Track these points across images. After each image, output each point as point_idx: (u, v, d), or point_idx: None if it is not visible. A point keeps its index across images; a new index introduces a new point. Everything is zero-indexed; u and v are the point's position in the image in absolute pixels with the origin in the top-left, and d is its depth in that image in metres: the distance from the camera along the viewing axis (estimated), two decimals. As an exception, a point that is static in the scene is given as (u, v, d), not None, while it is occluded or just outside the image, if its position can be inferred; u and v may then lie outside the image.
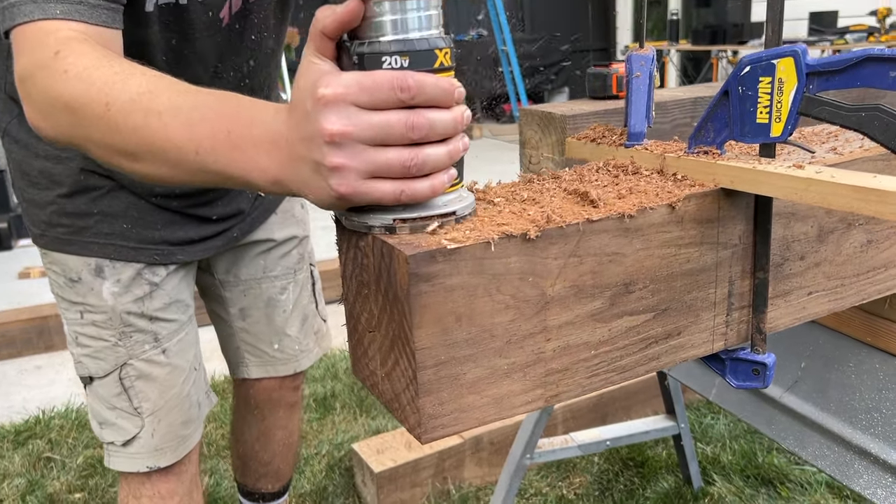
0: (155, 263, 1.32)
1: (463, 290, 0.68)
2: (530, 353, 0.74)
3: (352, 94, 0.62)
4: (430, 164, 0.65)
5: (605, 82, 1.41)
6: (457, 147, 0.67)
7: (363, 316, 0.77)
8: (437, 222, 0.69)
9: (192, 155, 0.74)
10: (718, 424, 2.52)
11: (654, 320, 0.80)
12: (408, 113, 0.63)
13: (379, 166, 0.63)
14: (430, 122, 0.64)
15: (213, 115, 0.73)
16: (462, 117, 0.66)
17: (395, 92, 0.62)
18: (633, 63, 0.92)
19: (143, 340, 1.31)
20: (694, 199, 0.79)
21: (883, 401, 1.15)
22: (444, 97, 0.64)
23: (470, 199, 0.73)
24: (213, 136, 0.72)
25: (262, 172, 0.70)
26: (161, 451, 1.36)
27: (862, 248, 0.94)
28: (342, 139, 0.62)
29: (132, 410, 1.33)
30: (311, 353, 1.66)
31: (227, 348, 1.64)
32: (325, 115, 0.62)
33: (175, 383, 1.36)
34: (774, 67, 0.77)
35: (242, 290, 1.55)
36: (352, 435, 2.58)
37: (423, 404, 0.69)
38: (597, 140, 0.97)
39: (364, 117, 0.62)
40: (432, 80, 0.64)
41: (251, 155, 0.70)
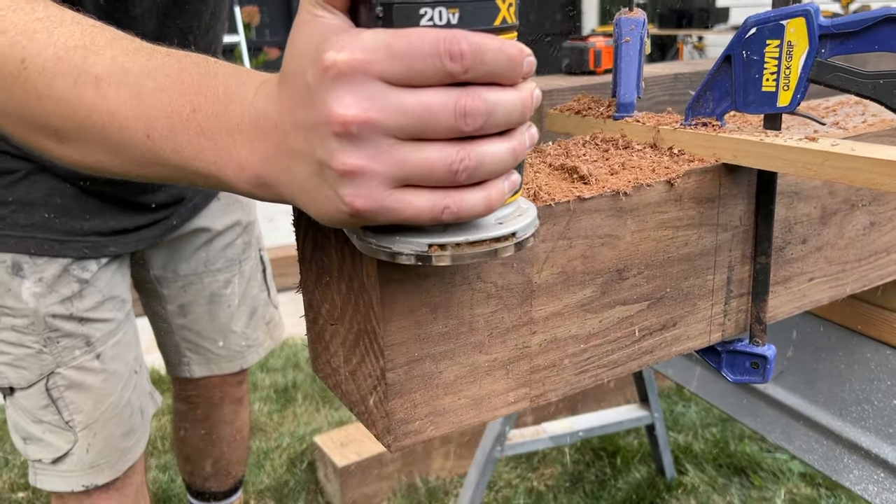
0: (84, 257, 1.16)
1: (439, 278, 0.59)
2: (514, 348, 0.65)
3: (377, 61, 0.42)
4: (487, 167, 0.45)
5: (581, 57, 1.33)
6: (522, 142, 0.47)
7: (324, 306, 0.68)
8: (491, 248, 0.49)
9: (142, 139, 0.54)
10: (690, 412, 2.48)
11: (648, 310, 0.73)
12: (458, 93, 0.43)
13: (412, 170, 0.44)
14: (489, 105, 0.44)
15: (173, 85, 0.53)
16: (531, 98, 0.47)
17: (442, 60, 0.42)
18: (623, 27, 0.83)
19: (73, 346, 1.16)
20: (694, 175, 0.71)
21: (874, 392, 1.10)
22: (509, 69, 0.44)
23: (533, 214, 0.53)
24: (171, 115, 0.52)
25: (240, 169, 0.51)
26: (98, 467, 1.22)
27: (864, 230, 0.87)
28: (361, 129, 0.43)
29: (63, 424, 1.17)
30: (260, 346, 1.55)
31: (164, 345, 1.51)
32: (336, 94, 0.42)
33: (112, 391, 1.21)
34: (783, 29, 0.69)
35: (182, 285, 1.41)
36: (314, 427, 2.49)
37: (393, 408, 0.61)
38: (582, 112, 0.89)
39: (394, 98, 0.43)
40: (495, 43, 0.43)
41: (225, 144, 0.51)
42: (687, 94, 1.35)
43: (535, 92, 0.47)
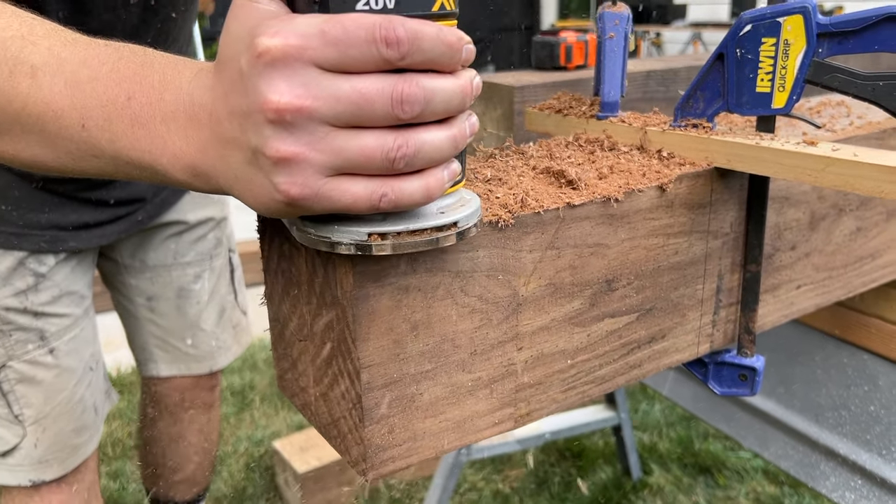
0: (41, 251, 1.13)
1: (420, 293, 0.55)
2: (498, 366, 0.61)
3: (311, 47, 0.41)
4: (426, 156, 0.45)
5: (552, 52, 1.29)
6: (462, 130, 0.46)
7: (292, 321, 0.62)
8: (432, 237, 0.48)
9: (78, 129, 0.52)
10: (654, 410, 2.48)
11: (637, 322, 0.69)
12: (395, 79, 0.42)
13: (349, 158, 0.43)
14: (428, 93, 0.43)
15: (109, 74, 0.52)
16: (471, 86, 0.46)
17: (378, 46, 0.41)
18: (607, 22, 0.79)
19: (26, 340, 1.14)
20: (686, 179, 0.67)
21: (851, 398, 1.08)
22: (448, 56, 0.44)
23: (476, 204, 0.52)
24: (106, 103, 0.51)
25: (175, 158, 0.49)
26: (46, 462, 1.19)
27: (851, 235, 0.85)
28: (295, 116, 0.42)
29: (12, 418, 1.15)
30: (228, 350, 1.49)
31: (134, 342, 1.46)
32: (270, 81, 0.42)
33: (65, 387, 1.18)
34: (780, 27, 0.65)
35: (150, 276, 1.37)
36: (272, 431, 2.41)
37: (370, 434, 0.56)
38: (563, 111, 0.84)
39: (329, 84, 0.42)
40: (433, 30, 0.43)
41: (160, 132, 0.50)
42: (659, 92, 1.32)
43: (476, 80, 0.47)
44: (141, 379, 1.52)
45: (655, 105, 1.33)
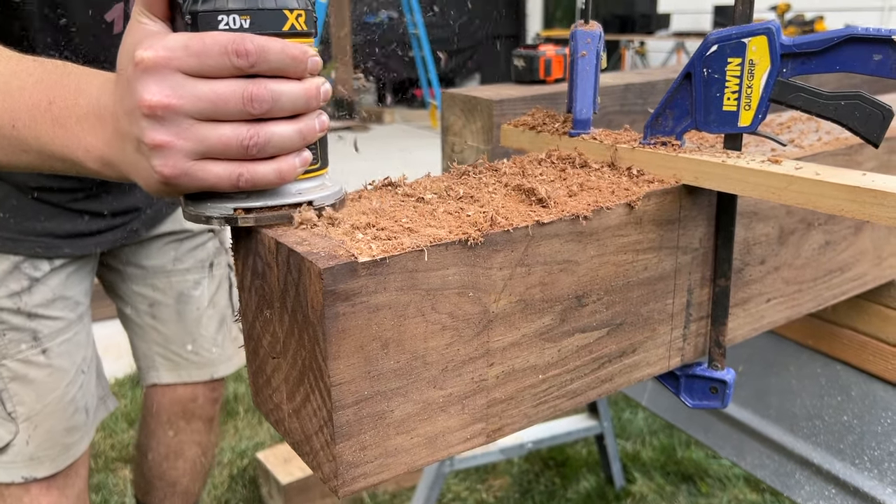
0: (36, 256, 1.17)
1: (391, 310, 0.55)
2: (470, 382, 0.62)
3: (176, 58, 0.52)
4: (275, 144, 0.55)
5: (531, 66, 1.30)
6: (311, 125, 0.57)
7: (265, 338, 0.63)
8: (287, 213, 0.58)
9: (9, 129, 0.64)
10: (637, 419, 2.49)
11: (607, 337, 0.70)
12: (245, 83, 0.53)
13: (211, 145, 0.54)
14: (274, 93, 0.54)
15: (34, 84, 0.63)
16: (317, 90, 0.56)
17: (230, 57, 0.52)
18: (579, 40, 0.80)
19: (20, 339, 1.17)
20: (654, 197, 0.68)
21: (825, 407, 1.10)
22: (292, 66, 0.54)
23: (336, 189, 0.62)
24: (32, 108, 0.63)
25: (87, 151, 0.61)
26: (38, 459, 1.21)
27: (820, 249, 0.86)
28: (164, 112, 0.53)
29: (5, 415, 1.19)
30: (229, 360, 1.50)
31: (137, 351, 1.48)
32: (145, 84, 0.53)
33: (56, 386, 1.21)
34: (745, 47, 0.67)
35: (151, 283, 1.40)
36: (256, 442, 2.41)
37: (341, 451, 0.56)
38: (537, 127, 0.85)
39: (191, 87, 0.53)
40: (278, 45, 0.53)
41: (75, 131, 0.61)
42: (637, 105, 1.33)
43: (324, 87, 0.57)
44: (143, 389, 1.53)
45: (634, 117, 1.35)
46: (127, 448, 2.36)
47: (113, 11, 1.06)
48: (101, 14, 1.05)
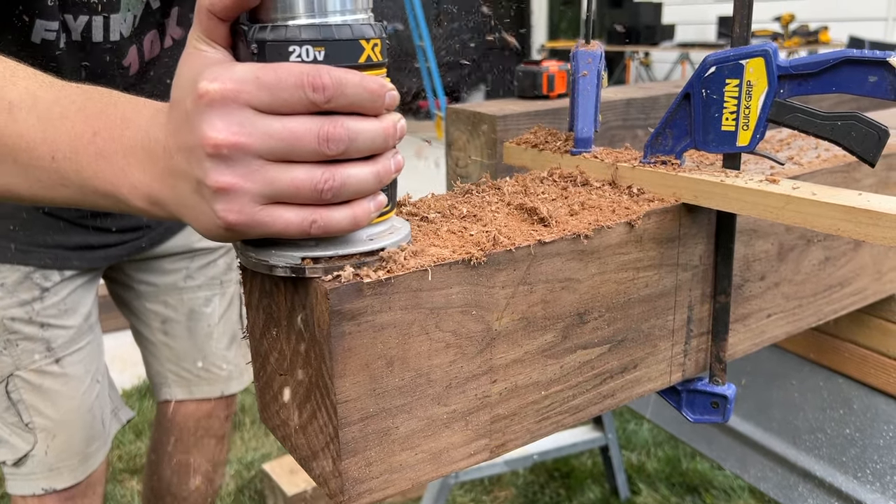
0: (47, 267, 1.19)
1: (395, 329, 0.57)
2: (473, 399, 0.63)
3: (246, 91, 0.47)
4: (351, 188, 0.50)
5: (534, 81, 1.32)
6: (387, 167, 0.52)
7: (272, 355, 0.64)
8: (360, 262, 0.54)
9: (48, 161, 0.58)
10: (642, 430, 2.49)
11: (609, 353, 0.71)
12: (321, 120, 0.48)
13: (281, 189, 0.49)
14: (351, 132, 0.49)
15: (77, 112, 0.57)
16: (395, 128, 0.52)
17: (305, 91, 0.47)
18: (580, 60, 0.82)
19: (33, 349, 1.19)
20: (654, 215, 0.70)
21: (827, 420, 1.10)
22: (370, 101, 0.50)
23: (404, 231, 0.58)
24: (74, 138, 0.57)
25: (134, 188, 0.55)
26: (57, 470, 1.23)
27: (820, 265, 0.87)
28: (231, 151, 0.47)
29: (23, 426, 1.21)
30: (240, 377, 1.52)
31: (150, 367, 1.50)
32: (209, 119, 0.47)
33: (73, 396, 1.23)
34: (743, 69, 0.68)
35: (163, 299, 1.42)
36: (262, 453, 2.42)
37: (347, 467, 0.57)
38: (539, 146, 0.87)
39: (261, 124, 0.48)
40: (355, 78, 0.49)
41: (121, 165, 0.55)
42: (639, 119, 1.35)
43: (399, 123, 0.52)
44: (157, 406, 1.55)
45: (636, 132, 1.36)
46: (134, 459, 2.37)
47: (129, 56, 1.09)
48: (120, 60, 1.08)
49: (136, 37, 1.08)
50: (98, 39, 1.04)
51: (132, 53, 1.09)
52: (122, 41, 1.07)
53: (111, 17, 1.03)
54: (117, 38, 1.06)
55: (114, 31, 1.05)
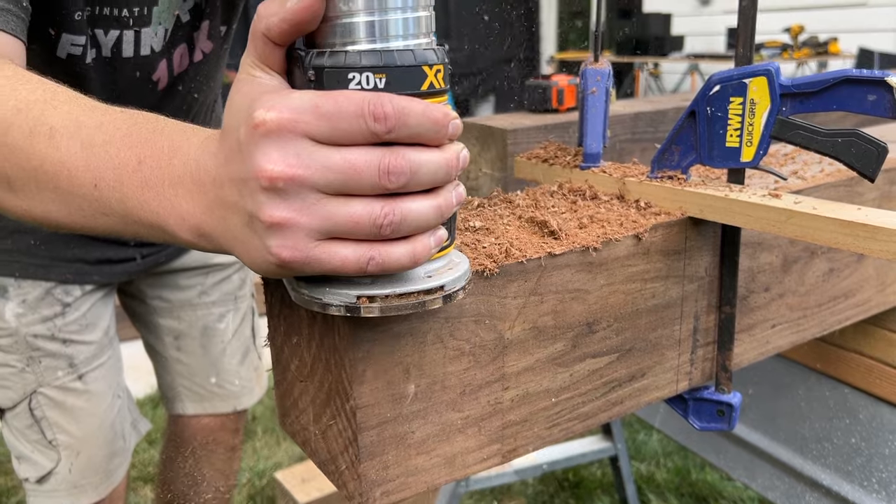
0: (67, 282, 1.21)
1: (412, 338, 0.59)
2: (486, 405, 0.65)
3: (304, 121, 0.44)
4: (411, 223, 0.47)
5: (544, 95, 1.35)
6: (448, 200, 0.49)
7: (293, 363, 0.67)
8: (419, 301, 0.51)
9: (90, 188, 0.55)
10: (652, 441, 2.50)
11: (617, 362, 0.73)
12: (382, 152, 0.45)
13: (339, 224, 0.46)
14: (414, 165, 0.46)
15: (122, 138, 0.55)
16: (458, 160, 0.49)
17: (367, 121, 0.44)
18: (588, 78, 0.84)
19: (56, 366, 1.20)
20: (661, 228, 0.72)
21: (834, 430, 1.12)
22: (433, 131, 0.47)
23: (464, 268, 0.54)
24: (118, 166, 0.54)
25: (181, 220, 0.52)
26: (81, 487, 1.25)
27: (824, 276, 0.89)
28: (287, 184, 0.45)
29: (46, 443, 1.22)
30: (252, 392, 1.54)
31: (162, 381, 1.52)
32: (264, 150, 0.45)
33: (95, 412, 1.25)
34: (746, 87, 0.71)
35: (177, 315, 1.43)
36: (274, 462, 2.44)
37: (365, 470, 0.60)
38: (549, 160, 0.89)
39: (320, 155, 0.45)
40: (419, 107, 0.46)
41: (167, 196, 0.52)
42: (648, 133, 1.37)
43: (462, 153, 0.49)
44: (168, 419, 1.57)
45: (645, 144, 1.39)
46: (147, 467, 2.40)
47: (158, 71, 1.10)
48: (149, 74, 1.10)
49: (167, 51, 1.09)
50: (128, 54, 1.05)
51: (162, 68, 1.10)
52: (153, 55, 1.07)
53: (142, 32, 1.03)
54: (148, 52, 1.06)
55: (144, 46, 1.06)
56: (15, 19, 0.76)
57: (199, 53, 1.16)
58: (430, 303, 0.51)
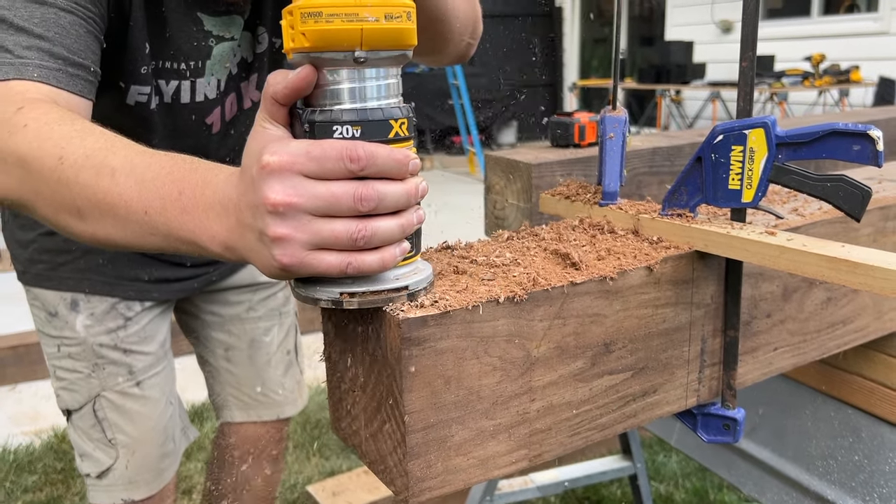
0: (129, 298, 1.34)
1: (452, 353, 0.69)
2: (515, 414, 0.75)
3: (299, 162, 0.60)
4: (380, 237, 0.62)
5: (567, 131, 1.45)
6: (410, 220, 0.65)
7: (347, 375, 0.77)
8: (388, 297, 0.66)
9: (141, 215, 0.71)
10: (671, 462, 2.56)
11: (632, 379, 0.82)
12: (356, 184, 0.61)
13: (324, 238, 0.61)
14: (380, 194, 0.61)
15: (166, 175, 0.71)
16: (416, 189, 0.64)
17: (345, 162, 0.60)
18: (607, 125, 0.94)
19: (117, 373, 1.33)
20: (670, 261, 0.81)
21: (838, 448, 1.20)
22: (396, 169, 0.62)
23: (426, 273, 0.70)
24: (163, 197, 0.70)
25: (212, 237, 0.68)
26: (135, 483, 1.37)
27: (822, 305, 0.98)
28: (286, 209, 0.60)
29: (106, 442, 1.35)
30: (294, 402, 1.65)
31: (213, 391, 1.64)
32: (269, 184, 0.60)
33: (151, 415, 1.37)
34: (746, 137, 0.80)
35: (227, 329, 1.56)
36: (305, 476, 2.54)
37: (412, 468, 0.70)
38: (571, 197, 0.99)
39: (310, 187, 0.60)
40: (385, 151, 0.61)
41: (201, 218, 0.68)
42: (664, 166, 1.47)
43: (421, 185, 0.65)
44: (218, 427, 1.69)
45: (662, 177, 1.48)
46: (185, 480, 2.50)
47: (212, 115, 1.25)
48: (204, 118, 1.24)
49: (220, 99, 1.24)
50: (186, 101, 1.20)
51: (215, 113, 1.25)
52: (207, 102, 1.22)
53: (197, 82, 1.19)
54: (202, 99, 1.21)
55: (199, 94, 1.21)
56: (83, 82, 0.92)
57: (248, 101, 1.30)
58: (397, 298, 0.66)
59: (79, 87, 0.91)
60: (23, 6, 0.88)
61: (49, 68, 0.88)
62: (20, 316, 4.04)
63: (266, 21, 1.23)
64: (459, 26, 1.13)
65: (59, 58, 0.89)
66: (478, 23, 1.21)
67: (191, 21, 1.13)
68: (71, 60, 0.90)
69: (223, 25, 1.17)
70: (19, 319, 3.96)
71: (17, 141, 0.79)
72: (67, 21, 0.91)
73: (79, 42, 0.91)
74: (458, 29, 1.13)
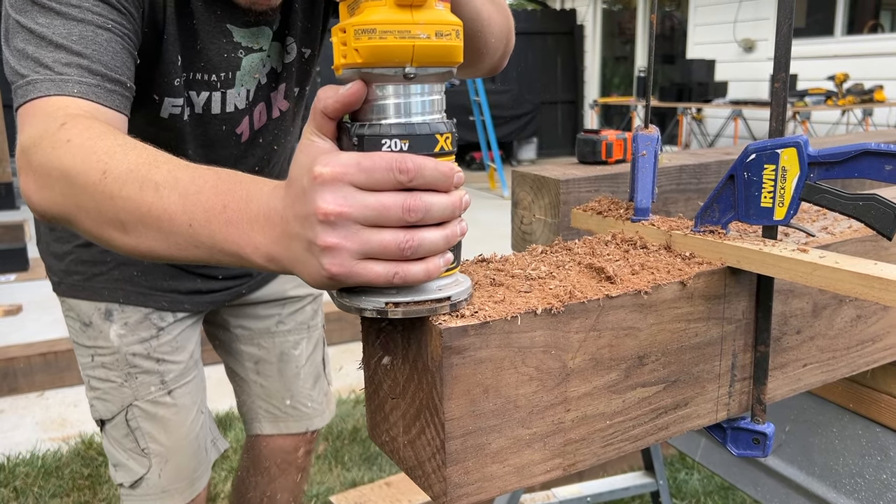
0: (162, 309, 1.37)
1: (491, 363, 0.71)
2: (551, 424, 0.76)
3: (349, 174, 0.61)
4: (426, 248, 0.63)
5: (594, 148, 1.47)
6: (454, 231, 0.66)
7: (385, 382, 0.79)
8: (431, 307, 0.67)
9: (186, 227, 0.72)
10: (693, 480, 2.56)
11: (664, 391, 0.84)
12: (405, 195, 0.62)
13: (373, 247, 0.62)
14: (428, 205, 0.62)
15: (210, 189, 0.72)
16: (460, 202, 0.66)
17: (394, 174, 0.61)
18: (640, 142, 0.97)
19: (149, 382, 1.36)
20: (703, 276, 0.83)
21: (866, 466, 1.20)
22: (442, 181, 0.64)
23: (466, 284, 0.71)
24: (207, 210, 0.71)
25: (256, 249, 0.69)
26: (169, 492, 1.39)
27: (852, 322, 0.99)
28: (337, 219, 0.61)
29: (139, 451, 1.37)
30: (322, 414, 1.68)
31: (243, 403, 1.67)
32: (321, 194, 0.61)
33: (183, 423, 1.40)
34: (778, 156, 0.82)
35: (257, 342, 1.59)
36: (327, 487, 2.55)
37: (450, 473, 0.71)
38: (603, 213, 1.01)
39: (360, 198, 0.61)
40: (432, 163, 0.63)
41: (245, 230, 0.69)
42: (691, 184, 1.48)
43: (465, 198, 0.67)
44: (246, 439, 1.71)
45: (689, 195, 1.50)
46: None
47: (242, 125, 1.28)
48: (234, 128, 1.27)
49: (249, 109, 1.27)
50: (216, 111, 1.23)
51: (244, 123, 1.28)
52: (236, 112, 1.26)
53: (227, 93, 1.23)
54: (232, 109, 1.25)
55: (229, 104, 1.24)
56: (120, 98, 0.96)
57: (276, 111, 1.33)
58: (440, 309, 0.67)
59: (116, 102, 0.95)
60: (61, 24, 0.92)
61: (88, 84, 0.91)
62: (49, 323, 4.13)
63: (295, 31, 1.25)
64: (495, 41, 1.16)
65: (98, 74, 0.93)
66: (510, 35, 1.24)
67: (220, 33, 1.16)
68: (109, 77, 0.94)
69: (252, 37, 1.20)
70: (48, 327, 4.04)
71: (61, 155, 0.82)
72: (104, 38, 0.94)
73: (115, 59, 0.95)
74: (493, 44, 1.16)
